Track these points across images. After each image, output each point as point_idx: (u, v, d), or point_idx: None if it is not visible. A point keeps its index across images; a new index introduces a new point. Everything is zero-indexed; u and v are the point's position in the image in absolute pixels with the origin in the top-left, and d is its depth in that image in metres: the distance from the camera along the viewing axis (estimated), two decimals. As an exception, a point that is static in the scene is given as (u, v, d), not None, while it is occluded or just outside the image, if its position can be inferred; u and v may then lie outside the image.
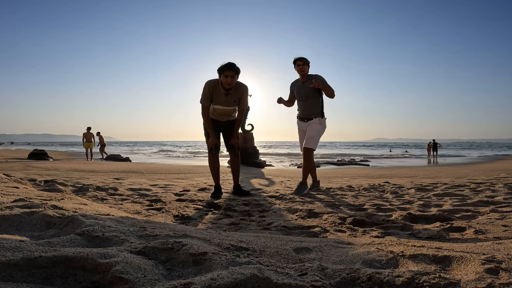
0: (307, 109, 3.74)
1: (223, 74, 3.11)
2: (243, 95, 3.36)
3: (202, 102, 3.28)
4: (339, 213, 2.42)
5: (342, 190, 3.85)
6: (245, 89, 3.37)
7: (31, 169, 6.65)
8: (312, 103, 3.73)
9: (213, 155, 3.41)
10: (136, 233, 1.10)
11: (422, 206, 2.71)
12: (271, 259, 0.99)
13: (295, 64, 3.70)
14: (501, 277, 0.80)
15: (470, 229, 1.82)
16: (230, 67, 3.09)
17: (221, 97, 3.26)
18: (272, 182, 5.30)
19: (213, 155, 3.41)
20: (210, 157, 3.45)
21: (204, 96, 3.27)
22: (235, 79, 3.16)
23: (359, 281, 0.79)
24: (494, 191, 3.45)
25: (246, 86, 3.37)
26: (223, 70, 3.12)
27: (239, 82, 3.32)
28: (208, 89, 3.24)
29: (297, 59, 3.67)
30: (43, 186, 3.38)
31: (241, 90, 3.33)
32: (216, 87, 3.23)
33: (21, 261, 0.76)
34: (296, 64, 3.70)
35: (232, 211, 2.49)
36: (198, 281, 0.72)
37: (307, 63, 3.69)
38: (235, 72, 3.14)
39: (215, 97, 3.27)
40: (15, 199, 1.79)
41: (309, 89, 3.66)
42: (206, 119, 3.33)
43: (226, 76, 3.11)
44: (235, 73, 3.14)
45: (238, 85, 3.32)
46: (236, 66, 3.14)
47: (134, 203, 2.68)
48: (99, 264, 0.78)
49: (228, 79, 3.11)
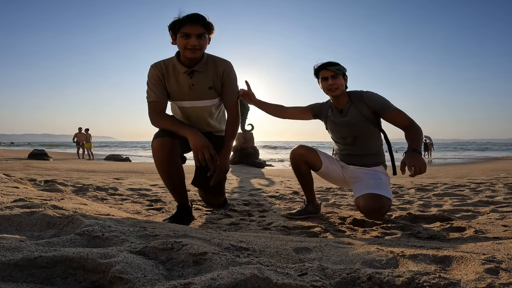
0: (357, 158, 2.17)
1: (181, 32, 1.79)
2: (227, 77, 1.98)
3: (150, 98, 1.93)
4: (339, 213, 2.43)
5: (342, 190, 3.84)
6: (228, 66, 1.99)
7: (31, 169, 6.64)
8: (365, 145, 2.14)
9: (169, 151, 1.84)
10: (136, 233, 1.10)
11: (422, 206, 2.71)
12: (271, 259, 0.99)
13: (318, 77, 2.15)
14: (501, 277, 0.80)
15: (470, 229, 1.82)
16: (194, 18, 1.78)
17: (182, 83, 1.93)
18: (272, 182, 5.30)
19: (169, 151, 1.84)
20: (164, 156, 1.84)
21: (150, 88, 1.93)
22: (204, 41, 1.83)
23: (359, 281, 0.79)
24: (494, 191, 3.45)
25: (230, 63, 2.01)
26: (181, 23, 1.78)
27: (216, 56, 2.00)
28: (159, 73, 1.92)
29: (322, 67, 2.10)
30: (43, 186, 3.38)
31: (221, 67, 1.97)
32: (170, 68, 1.93)
33: (21, 261, 0.76)
34: (320, 77, 2.13)
35: (232, 211, 2.49)
36: (198, 281, 0.72)
37: (342, 72, 2.09)
38: (204, 27, 1.81)
39: (171, 87, 1.95)
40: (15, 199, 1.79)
41: (356, 122, 2.09)
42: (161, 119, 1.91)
43: (186, 35, 1.78)
44: (204, 30, 1.81)
45: (214, 60, 1.97)
46: (206, 19, 1.82)
47: (134, 203, 2.68)
48: (99, 264, 0.78)
49: (192, 40, 1.78)
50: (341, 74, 2.08)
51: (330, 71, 2.06)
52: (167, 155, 1.84)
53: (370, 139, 2.13)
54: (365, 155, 2.16)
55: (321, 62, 2.11)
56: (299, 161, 2.21)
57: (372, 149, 2.16)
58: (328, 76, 2.07)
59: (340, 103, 2.15)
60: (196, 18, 1.78)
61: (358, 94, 2.11)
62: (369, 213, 1.95)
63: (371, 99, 2.06)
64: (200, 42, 1.80)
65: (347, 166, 2.21)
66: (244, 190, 3.92)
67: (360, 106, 2.09)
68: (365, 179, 2.08)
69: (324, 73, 2.08)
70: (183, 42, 1.80)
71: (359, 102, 2.09)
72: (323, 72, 2.09)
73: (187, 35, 1.78)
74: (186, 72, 1.90)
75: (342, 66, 2.09)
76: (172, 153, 1.85)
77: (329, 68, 2.06)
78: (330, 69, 2.06)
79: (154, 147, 1.85)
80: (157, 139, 1.85)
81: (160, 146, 1.84)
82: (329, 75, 2.06)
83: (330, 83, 2.06)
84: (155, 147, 1.84)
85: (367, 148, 2.13)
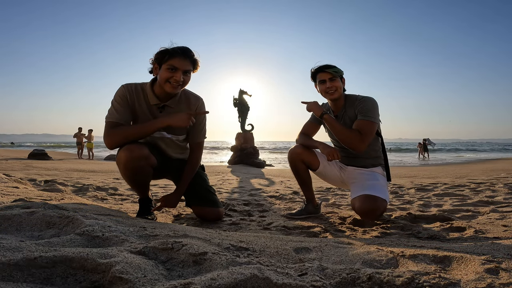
0: (355, 159, 2.18)
1: (168, 64, 1.71)
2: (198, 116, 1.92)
3: (109, 118, 1.76)
4: (339, 213, 2.43)
5: (342, 190, 3.84)
6: (201, 103, 1.95)
7: (31, 169, 6.65)
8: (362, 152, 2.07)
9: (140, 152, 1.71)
10: (136, 233, 1.10)
11: (422, 206, 2.71)
12: (271, 259, 0.99)
13: (316, 80, 2.11)
14: (501, 277, 0.80)
15: (470, 229, 1.82)
16: (185, 52, 1.73)
17: (150, 114, 1.84)
18: (272, 182, 5.30)
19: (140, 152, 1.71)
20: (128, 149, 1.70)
21: (115, 108, 1.77)
22: (188, 78, 1.78)
23: (359, 281, 0.79)
24: (494, 191, 3.45)
25: (202, 100, 1.97)
26: (171, 55, 1.71)
27: (188, 91, 1.94)
28: (128, 96, 1.80)
29: (319, 70, 2.07)
30: (43, 186, 3.38)
31: (193, 105, 1.92)
32: (141, 96, 1.83)
33: (21, 261, 0.76)
34: (317, 80, 2.09)
35: (232, 211, 2.49)
36: (198, 281, 0.72)
37: (339, 74, 2.06)
38: (192, 64, 1.77)
39: (138, 113, 1.84)
40: (15, 199, 1.79)
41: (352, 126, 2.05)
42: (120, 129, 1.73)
43: (173, 68, 1.71)
44: (191, 67, 1.77)
45: (187, 97, 1.92)
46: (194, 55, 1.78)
47: (134, 203, 2.68)
48: (99, 264, 0.78)
49: (177, 75, 1.71)
50: (339, 76, 2.05)
51: (327, 73, 2.02)
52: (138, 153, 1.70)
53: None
54: (363, 158, 2.15)
55: (318, 65, 2.07)
56: (296, 160, 2.21)
57: (370, 153, 2.15)
58: (325, 78, 2.03)
59: (337, 107, 2.13)
60: (186, 52, 1.73)
61: (354, 99, 2.08)
62: (364, 214, 1.94)
63: (361, 104, 2.02)
64: (184, 79, 1.75)
65: (346, 167, 2.21)
66: (244, 190, 3.92)
67: (350, 113, 2.08)
68: (362, 180, 2.08)
69: (322, 76, 2.05)
70: (167, 74, 1.72)
71: (350, 109, 2.08)
72: (321, 75, 2.05)
73: (174, 69, 1.71)
74: (157, 105, 1.84)
75: (339, 69, 2.05)
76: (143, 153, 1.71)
77: (327, 71, 2.02)
78: (327, 72, 2.02)
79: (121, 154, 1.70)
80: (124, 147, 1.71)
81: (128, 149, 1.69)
82: (326, 78, 2.03)
83: (328, 85, 2.03)
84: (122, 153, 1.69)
85: (365, 151, 2.08)
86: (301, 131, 2.29)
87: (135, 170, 1.73)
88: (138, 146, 1.72)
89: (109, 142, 1.74)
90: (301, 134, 2.28)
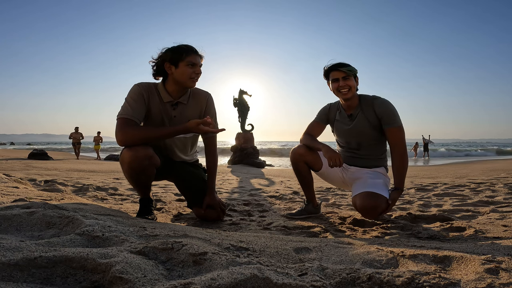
0: (359, 160, 2.15)
1: (187, 61, 1.80)
2: (208, 111, 2.02)
3: (123, 114, 1.76)
4: (339, 213, 2.43)
5: (342, 190, 3.84)
6: (210, 98, 2.04)
7: (31, 169, 6.65)
8: (369, 151, 2.11)
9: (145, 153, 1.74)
10: (136, 233, 1.10)
11: (422, 206, 2.71)
12: (271, 259, 0.99)
13: (329, 78, 2.05)
14: (501, 277, 0.80)
15: (470, 229, 1.82)
16: (194, 48, 1.85)
17: (164, 112, 1.91)
18: (272, 182, 5.30)
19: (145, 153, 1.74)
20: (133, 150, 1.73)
21: (130, 105, 1.79)
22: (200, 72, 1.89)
23: (359, 281, 0.79)
24: (494, 191, 3.45)
25: (210, 95, 2.06)
26: (187, 52, 1.80)
27: (196, 87, 1.98)
28: (142, 92, 1.84)
29: (333, 68, 2.01)
30: (43, 186, 3.38)
31: (203, 99, 2.01)
32: (155, 93, 1.89)
33: (21, 261, 0.76)
34: (330, 78, 2.04)
35: (232, 211, 2.49)
36: (198, 281, 0.72)
37: (353, 73, 2.00)
38: (200, 57, 1.89)
39: (153, 111, 1.90)
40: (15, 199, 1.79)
41: (363, 129, 2.04)
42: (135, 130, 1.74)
43: (192, 64, 1.81)
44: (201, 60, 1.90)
45: (196, 92, 2.01)
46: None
47: (134, 203, 2.68)
48: (99, 264, 0.78)
49: (198, 69, 1.84)
50: (353, 75, 1.99)
51: (341, 72, 1.97)
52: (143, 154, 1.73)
53: (375, 146, 2.10)
54: (368, 159, 2.13)
55: (331, 63, 2.02)
56: (298, 161, 2.21)
57: (376, 154, 2.13)
58: (339, 77, 1.98)
59: (350, 107, 2.08)
60: (195, 48, 1.85)
61: (369, 100, 2.04)
62: (365, 212, 1.91)
63: (381, 106, 1.99)
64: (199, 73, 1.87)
65: (348, 167, 2.20)
66: (244, 190, 3.92)
67: (368, 113, 2.03)
68: (364, 178, 2.07)
69: (335, 74, 1.99)
70: (189, 71, 1.81)
71: (368, 109, 2.03)
72: (334, 73, 2.00)
73: (193, 64, 1.82)
74: (170, 102, 1.92)
75: (353, 67, 1.99)
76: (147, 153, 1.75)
77: (340, 69, 1.97)
78: (341, 70, 1.97)
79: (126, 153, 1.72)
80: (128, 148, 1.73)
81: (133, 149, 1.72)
82: (340, 76, 1.98)
83: (341, 84, 1.97)
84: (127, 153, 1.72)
85: (371, 153, 2.10)
86: (306, 131, 2.27)
87: (139, 169, 1.76)
88: (143, 146, 1.75)
89: (124, 139, 1.74)
90: (305, 134, 2.25)
